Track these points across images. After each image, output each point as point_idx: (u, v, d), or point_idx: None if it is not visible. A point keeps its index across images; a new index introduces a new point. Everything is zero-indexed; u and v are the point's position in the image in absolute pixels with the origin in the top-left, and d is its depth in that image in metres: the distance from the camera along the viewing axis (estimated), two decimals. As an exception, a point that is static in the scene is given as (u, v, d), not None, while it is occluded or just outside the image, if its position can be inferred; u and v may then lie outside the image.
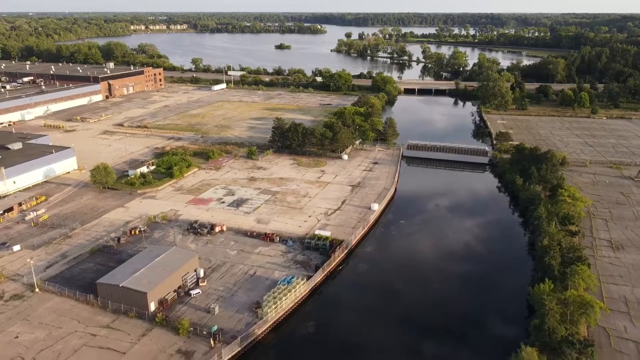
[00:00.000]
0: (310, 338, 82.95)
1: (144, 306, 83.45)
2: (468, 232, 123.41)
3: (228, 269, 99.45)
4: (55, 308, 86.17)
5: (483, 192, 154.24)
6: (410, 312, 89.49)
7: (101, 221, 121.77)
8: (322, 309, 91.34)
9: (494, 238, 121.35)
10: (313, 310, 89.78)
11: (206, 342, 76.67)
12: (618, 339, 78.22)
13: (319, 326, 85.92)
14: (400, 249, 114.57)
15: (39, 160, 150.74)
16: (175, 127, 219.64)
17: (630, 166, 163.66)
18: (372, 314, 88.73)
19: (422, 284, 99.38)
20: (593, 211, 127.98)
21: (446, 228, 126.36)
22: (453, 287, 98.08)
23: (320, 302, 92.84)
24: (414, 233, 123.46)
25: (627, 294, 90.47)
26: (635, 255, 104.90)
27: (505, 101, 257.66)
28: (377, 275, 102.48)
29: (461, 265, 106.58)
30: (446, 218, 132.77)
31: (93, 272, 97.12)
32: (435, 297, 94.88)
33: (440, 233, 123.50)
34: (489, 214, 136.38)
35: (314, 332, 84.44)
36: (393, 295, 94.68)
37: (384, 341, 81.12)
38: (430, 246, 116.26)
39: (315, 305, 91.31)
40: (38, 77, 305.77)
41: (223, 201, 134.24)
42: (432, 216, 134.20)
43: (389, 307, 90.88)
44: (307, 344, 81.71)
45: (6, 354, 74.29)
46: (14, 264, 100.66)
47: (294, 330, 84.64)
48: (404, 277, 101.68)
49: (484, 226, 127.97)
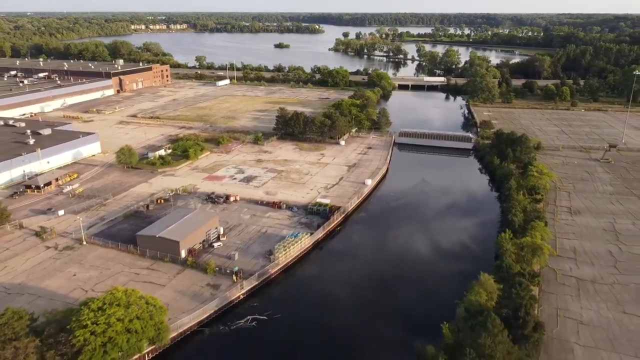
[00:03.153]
0: (313, 278, 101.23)
1: (176, 253, 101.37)
2: (449, 203, 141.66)
3: (243, 228, 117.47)
4: (102, 256, 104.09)
5: (466, 172, 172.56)
6: (398, 258, 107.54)
7: (129, 193, 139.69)
8: (322, 257, 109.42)
9: (471, 207, 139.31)
10: (315, 258, 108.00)
11: (229, 279, 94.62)
12: (563, 276, 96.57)
13: (320, 270, 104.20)
14: (391, 214, 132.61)
15: (68, 143, 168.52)
16: (185, 118, 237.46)
17: (598, 150, 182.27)
18: (364, 261, 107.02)
19: (408, 239, 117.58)
20: (559, 185, 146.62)
21: (431, 199, 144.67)
22: (434, 240, 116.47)
23: (321, 253, 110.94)
24: (403, 203, 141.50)
25: (576, 246, 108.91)
26: (589, 219, 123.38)
27: (492, 95, 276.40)
28: (369, 234, 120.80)
29: (441, 226, 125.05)
30: (431, 192, 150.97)
31: (129, 230, 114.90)
32: (419, 246, 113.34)
33: (425, 203, 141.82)
34: (469, 189, 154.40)
35: (316, 273, 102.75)
36: (383, 248, 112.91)
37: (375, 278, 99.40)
38: (416, 212, 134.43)
39: (317, 254, 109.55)
40: (53, 73, 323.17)
41: (235, 178, 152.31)
42: (419, 190, 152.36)
43: (380, 256, 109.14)
44: (310, 281, 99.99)
45: (69, 286, 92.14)
46: (61, 224, 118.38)
47: (300, 272, 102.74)
48: (393, 235, 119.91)
49: (463, 198, 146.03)
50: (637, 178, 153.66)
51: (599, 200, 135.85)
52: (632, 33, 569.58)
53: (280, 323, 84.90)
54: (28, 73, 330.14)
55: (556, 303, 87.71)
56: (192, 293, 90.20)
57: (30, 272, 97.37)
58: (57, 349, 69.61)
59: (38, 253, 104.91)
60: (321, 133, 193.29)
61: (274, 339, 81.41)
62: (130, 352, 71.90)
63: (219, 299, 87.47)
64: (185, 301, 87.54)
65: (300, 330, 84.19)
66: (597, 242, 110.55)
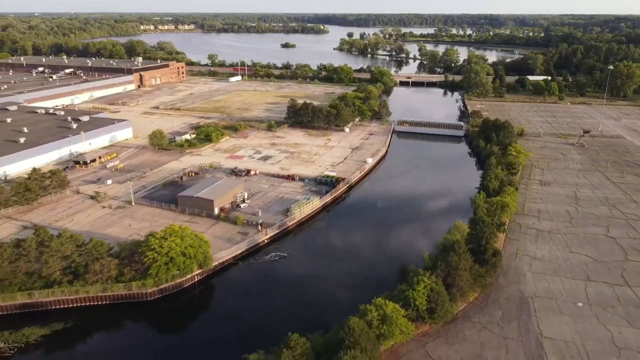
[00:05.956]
0: (322, 229, 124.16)
1: (211, 210, 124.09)
2: (439, 178, 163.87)
3: (263, 194, 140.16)
4: (149, 212, 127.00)
5: (456, 155, 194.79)
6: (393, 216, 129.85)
7: (163, 168, 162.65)
8: (330, 216, 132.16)
9: (457, 180, 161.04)
10: (324, 217, 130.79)
11: (255, 229, 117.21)
12: (527, 228, 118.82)
13: (328, 224, 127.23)
14: (388, 185, 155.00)
15: (105, 128, 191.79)
16: (203, 110, 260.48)
17: (575, 137, 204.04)
18: (365, 219, 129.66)
19: (401, 203, 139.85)
20: (535, 164, 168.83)
21: (424, 175, 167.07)
22: (423, 203, 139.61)
23: (329, 213, 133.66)
24: (399, 177, 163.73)
25: (541, 207, 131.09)
26: (556, 188, 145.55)
27: (486, 90, 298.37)
28: (370, 200, 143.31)
29: (430, 194, 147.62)
30: (424, 170, 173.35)
31: (168, 195, 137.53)
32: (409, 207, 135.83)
33: (419, 177, 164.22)
34: (456, 168, 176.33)
35: (325, 226, 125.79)
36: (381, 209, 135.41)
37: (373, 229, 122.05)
38: (409, 184, 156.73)
39: (326, 214, 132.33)
40: (77, 69, 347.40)
41: (253, 157, 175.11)
42: (414, 167, 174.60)
43: (377, 214, 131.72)
44: (320, 231, 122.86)
45: (127, 232, 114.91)
46: (111, 191, 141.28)
47: (312, 225, 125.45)
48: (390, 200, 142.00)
49: (451, 174, 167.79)
50: (604, 158, 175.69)
51: (567, 175, 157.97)
52: (629, 33, 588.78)
53: (297, 259, 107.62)
54: (54, 69, 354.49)
55: (517, 246, 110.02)
56: (226, 237, 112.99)
57: (93, 223, 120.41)
58: (131, 266, 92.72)
59: (96, 211, 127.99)
60: (328, 121, 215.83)
61: (293, 269, 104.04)
62: (185, 271, 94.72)
63: (248, 240, 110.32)
64: (221, 243, 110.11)
65: (313, 263, 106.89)
66: (559, 205, 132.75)
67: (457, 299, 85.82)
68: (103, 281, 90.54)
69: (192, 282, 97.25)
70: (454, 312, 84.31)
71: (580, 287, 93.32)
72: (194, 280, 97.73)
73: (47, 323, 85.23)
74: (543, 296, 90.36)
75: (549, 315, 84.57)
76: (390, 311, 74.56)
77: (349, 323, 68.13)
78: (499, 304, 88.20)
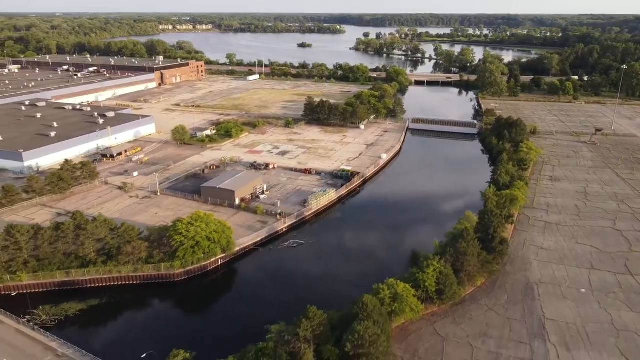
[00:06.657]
0: (338, 219, 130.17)
1: (232, 200, 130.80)
2: (451, 173, 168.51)
3: (282, 187, 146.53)
4: (174, 202, 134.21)
5: (469, 152, 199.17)
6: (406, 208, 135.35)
7: (186, 162, 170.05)
8: (345, 208, 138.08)
9: (469, 177, 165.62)
10: (340, 208, 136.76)
11: (274, 218, 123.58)
12: (535, 220, 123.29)
13: (343, 215, 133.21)
14: (402, 180, 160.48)
15: (130, 123, 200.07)
16: (223, 107, 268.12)
17: (588, 135, 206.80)
18: (379, 211, 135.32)
19: (414, 196, 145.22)
20: (546, 160, 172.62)
21: (437, 171, 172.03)
22: (435, 196, 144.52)
23: (344, 205, 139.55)
24: (413, 172, 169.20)
25: (549, 202, 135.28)
26: (566, 184, 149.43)
27: (500, 89, 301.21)
28: (383, 193, 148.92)
29: (442, 188, 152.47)
30: (438, 165, 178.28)
31: (191, 186, 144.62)
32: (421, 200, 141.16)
33: (432, 173, 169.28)
34: (469, 164, 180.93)
35: (340, 217, 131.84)
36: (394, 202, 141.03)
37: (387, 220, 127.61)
38: (422, 179, 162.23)
39: (341, 206, 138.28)
40: (101, 68, 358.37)
41: (271, 152, 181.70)
42: (427, 164, 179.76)
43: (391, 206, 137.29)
44: (336, 222, 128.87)
45: (154, 220, 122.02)
46: (137, 182, 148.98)
47: (328, 215, 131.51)
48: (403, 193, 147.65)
49: (463, 170, 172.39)
50: (615, 156, 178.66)
51: (578, 171, 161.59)
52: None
53: (314, 246, 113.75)
54: (79, 68, 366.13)
55: (525, 237, 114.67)
56: (247, 225, 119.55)
57: (122, 211, 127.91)
58: (160, 249, 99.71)
59: (125, 200, 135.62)
60: (343, 119, 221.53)
61: (310, 255, 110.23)
62: (210, 255, 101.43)
63: (268, 228, 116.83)
64: (242, 230, 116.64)
65: (329, 250, 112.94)
66: (568, 200, 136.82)
67: (465, 283, 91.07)
68: (134, 262, 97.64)
69: (216, 265, 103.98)
70: (461, 295, 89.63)
71: (584, 275, 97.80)
72: (218, 264, 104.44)
73: (83, 299, 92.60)
74: (548, 282, 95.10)
75: (553, 300, 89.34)
76: (401, 290, 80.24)
77: (363, 299, 73.92)
78: (505, 289, 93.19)
